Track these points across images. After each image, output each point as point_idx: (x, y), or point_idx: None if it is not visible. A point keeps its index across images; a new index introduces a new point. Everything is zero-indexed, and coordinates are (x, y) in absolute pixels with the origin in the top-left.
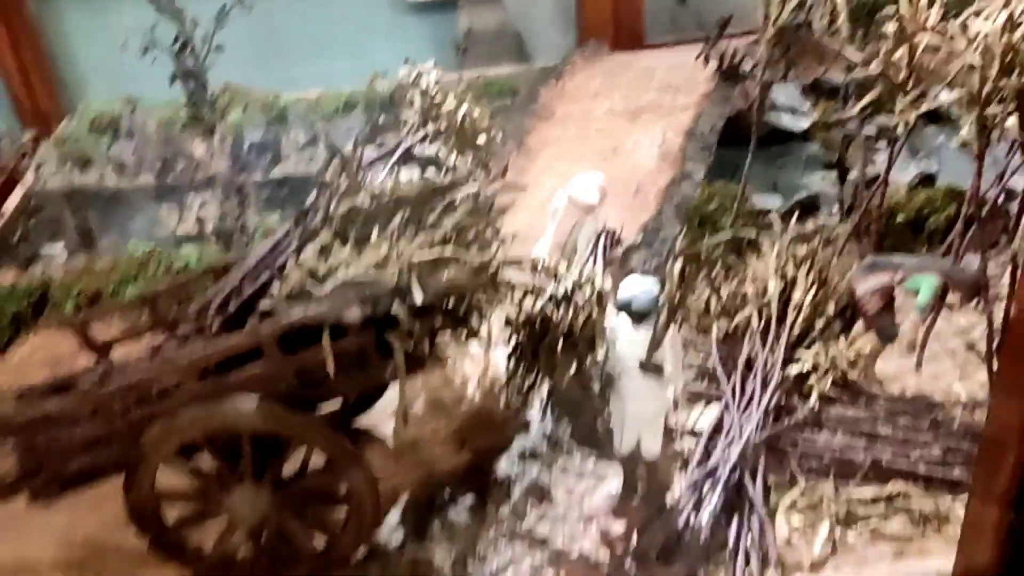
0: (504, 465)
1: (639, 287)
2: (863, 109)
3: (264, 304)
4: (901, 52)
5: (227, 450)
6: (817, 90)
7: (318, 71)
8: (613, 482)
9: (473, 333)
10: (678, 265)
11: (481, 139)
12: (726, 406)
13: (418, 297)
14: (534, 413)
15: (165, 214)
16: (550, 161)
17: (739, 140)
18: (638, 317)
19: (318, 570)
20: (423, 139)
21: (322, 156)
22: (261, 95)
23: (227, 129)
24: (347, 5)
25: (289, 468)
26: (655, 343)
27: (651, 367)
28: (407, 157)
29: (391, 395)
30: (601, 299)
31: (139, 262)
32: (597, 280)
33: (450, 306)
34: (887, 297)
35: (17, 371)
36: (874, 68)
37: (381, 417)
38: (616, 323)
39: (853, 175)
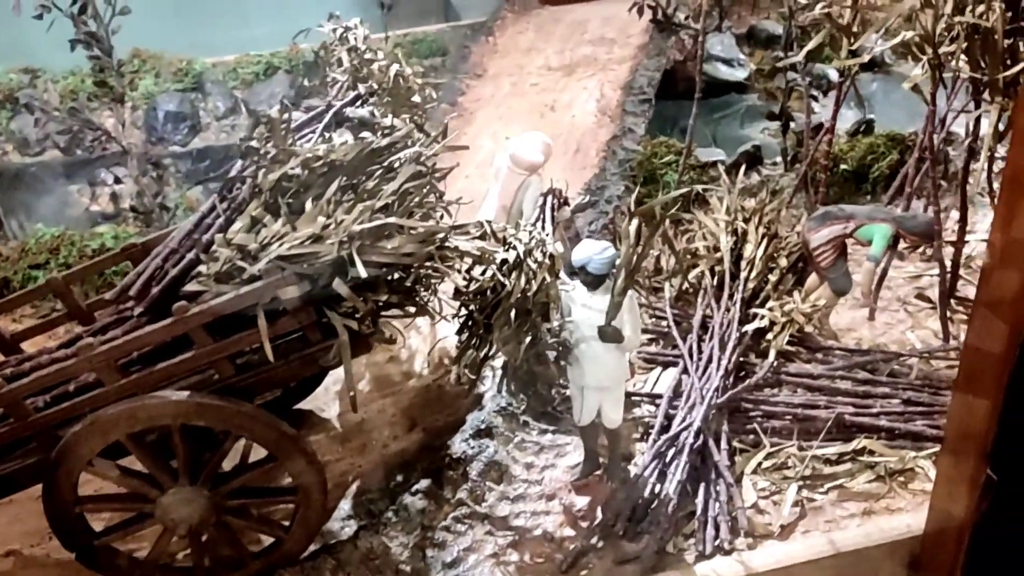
0: (458, 444)
1: (593, 250)
2: (808, 55)
3: (190, 287)
4: None
5: (158, 449)
6: (753, 39)
7: (237, 35)
8: (574, 455)
9: (421, 307)
10: (634, 224)
11: (416, 98)
12: (684, 369)
13: (361, 271)
14: (487, 387)
15: (76, 192)
16: (487, 121)
17: (675, 93)
18: (594, 282)
19: (266, 570)
20: (355, 100)
21: (245, 125)
22: (173, 60)
23: (139, 99)
24: None
25: (227, 463)
26: (614, 308)
27: (610, 333)
28: (339, 120)
29: (335, 373)
30: (553, 263)
31: (49, 247)
32: (548, 244)
33: (395, 279)
34: (840, 248)
35: None
36: (819, 11)
37: (325, 398)
38: (570, 289)
39: (794, 125)
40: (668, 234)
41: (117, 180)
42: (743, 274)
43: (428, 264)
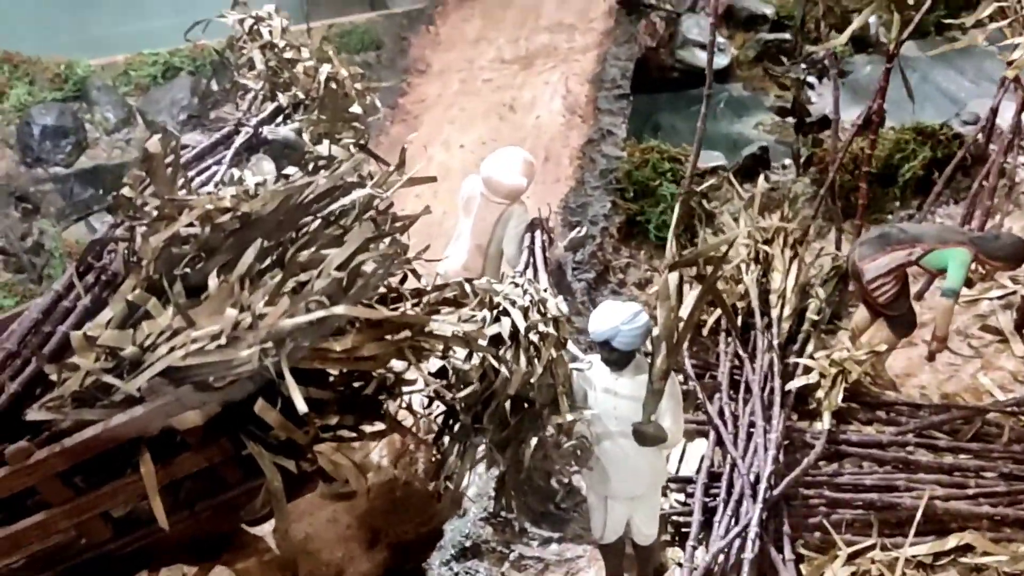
0: (437, 568)
1: (619, 317)
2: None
3: (35, 412)
4: None
5: None
6: (732, 20)
7: (127, 30)
8: (589, 572)
9: (390, 422)
10: (673, 281)
11: (355, 108)
12: (718, 440)
13: (298, 401)
14: (469, 481)
15: None
16: (435, 126)
17: (648, 84)
18: (620, 360)
19: None
20: (274, 115)
21: (142, 138)
22: (50, 63)
23: (10, 112)
24: None
25: None
26: (653, 398)
27: (651, 434)
28: (254, 144)
29: None
30: (559, 330)
31: None
32: (550, 303)
33: (347, 389)
34: (902, 279)
35: None
36: None
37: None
38: (586, 367)
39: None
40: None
41: None
42: (774, 312)
43: (396, 361)
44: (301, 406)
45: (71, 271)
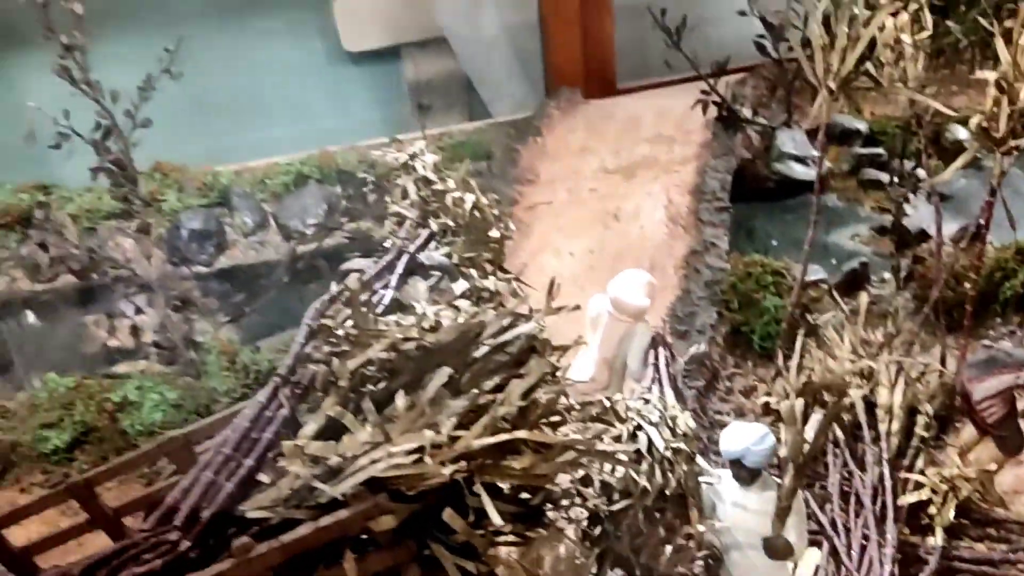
0: None
1: (749, 438)
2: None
3: (252, 509)
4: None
5: None
6: (827, 135)
7: (255, 137)
8: None
9: (554, 530)
10: (799, 404)
11: (494, 233)
12: (832, 551)
13: (493, 514)
14: None
15: (92, 324)
16: (545, 234)
17: (745, 193)
18: (749, 476)
19: None
20: (427, 240)
21: (275, 241)
22: (197, 172)
23: (161, 216)
24: (279, 59)
25: None
26: (781, 515)
27: (781, 547)
28: (412, 268)
29: None
30: (688, 444)
31: (63, 401)
32: (680, 421)
33: (519, 500)
34: (1010, 401)
35: None
36: (974, 125)
37: None
38: (715, 481)
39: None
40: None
41: (138, 311)
42: (882, 426)
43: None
44: (496, 518)
45: (274, 384)
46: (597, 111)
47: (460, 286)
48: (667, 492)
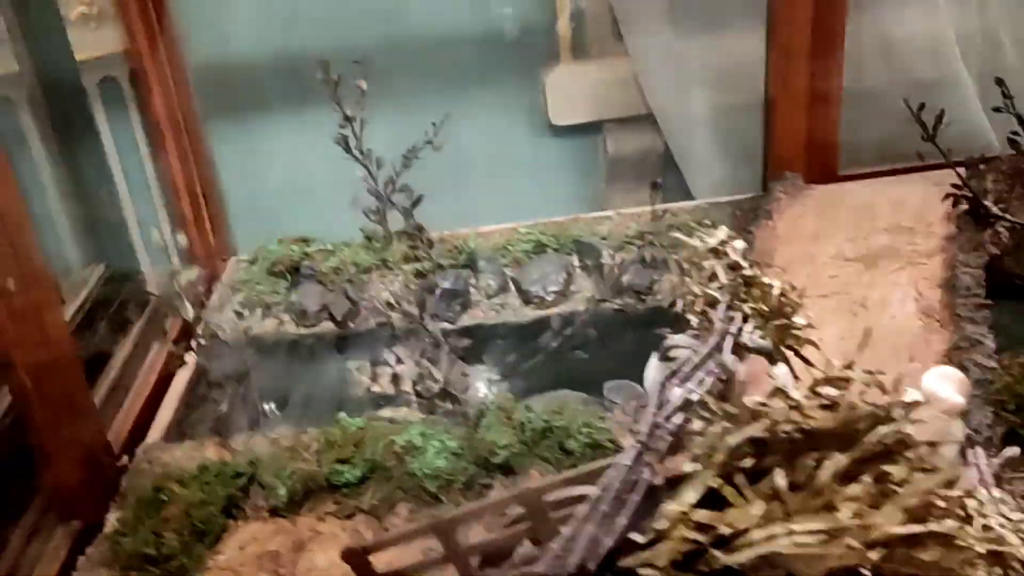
0: None
1: None
2: None
3: (638, 566)
4: None
5: None
6: None
7: (495, 202)
8: None
9: None
10: None
11: (799, 319)
12: None
13: None
14: None
15: (353, 370)
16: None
17: (992, 291)
18: None
19: None
20: (742, 324)
21: (512, 304)
22: (447, 237)
23: (411, 274)
24: (484, 129)
25: None
26: None
27: None
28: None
29: None
30: None
31: (353, 440)
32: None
33: None
34: None
35: (229, 568)
36: None
37: None
38: None
39: None
40: None
41: (399, 360)
42: None
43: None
44: None
45: (636, 448)
46: (825, 198)
47: (780, 370)
48: None
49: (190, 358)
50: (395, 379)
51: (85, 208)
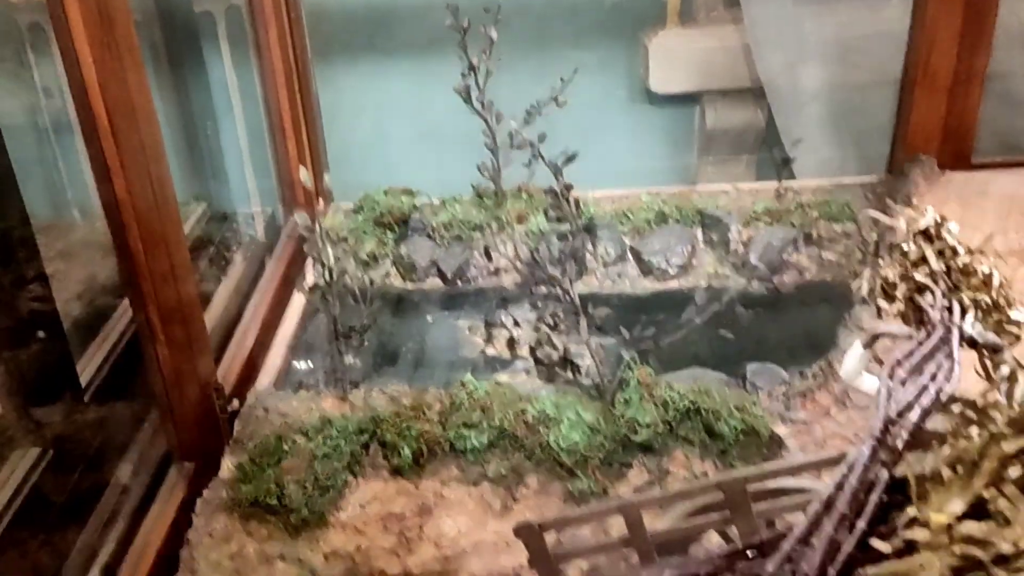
0: None
1: None
2: None
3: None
4: None
5: None
6: None
7: (614, 166)
8: None
9: None
10: None
11: (1016, 315)
12: None
13: None
14: None
15: (465, 329)
16: None
17: None
18: None
19: None
20: (963, 315)
21: (630, 274)
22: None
23: (528, 235)
24: (582, 92)
25: None
26: None
27: None
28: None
29: None
30: None
31: (480, 404)
32: None
33: None
34: None
35: (352, 526)
36: None
37: None
38: None
39: None
40: None
41: (516, 323)
42: None
43: None
44: None
45: (871, 445)
46: (965, 184)
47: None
48: None
49: (301, 303)
50: (511, 343)
51: (191, 143)
